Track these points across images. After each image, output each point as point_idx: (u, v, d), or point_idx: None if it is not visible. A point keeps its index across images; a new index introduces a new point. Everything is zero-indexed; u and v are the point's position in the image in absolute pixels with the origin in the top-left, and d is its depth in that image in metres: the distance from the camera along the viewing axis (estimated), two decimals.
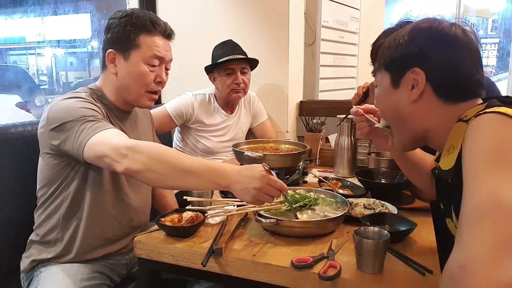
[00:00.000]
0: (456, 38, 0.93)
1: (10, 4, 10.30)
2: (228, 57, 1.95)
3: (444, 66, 0.93)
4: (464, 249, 0.66)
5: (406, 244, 1.10)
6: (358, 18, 3.21)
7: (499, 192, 0.67)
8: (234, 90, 2.01)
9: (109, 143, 1.12)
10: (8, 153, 1.39)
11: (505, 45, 9.64)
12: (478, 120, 0.79)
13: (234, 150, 1.69)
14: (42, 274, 1.29)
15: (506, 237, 0.64)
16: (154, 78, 1.34)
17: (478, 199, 0.69)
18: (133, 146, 1.10)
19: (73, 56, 11.05)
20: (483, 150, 0.74)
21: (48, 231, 1.32)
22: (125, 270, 1.44)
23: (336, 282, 0.93)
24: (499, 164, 0.71)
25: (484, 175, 0.71)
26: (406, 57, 0.97)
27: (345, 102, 2.58)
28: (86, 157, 1.15)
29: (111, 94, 1.36)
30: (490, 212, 0.66)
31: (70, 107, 1.21)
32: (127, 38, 1.30)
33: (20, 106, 6.43)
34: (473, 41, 0.94)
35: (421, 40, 0.95)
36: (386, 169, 1.62)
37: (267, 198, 1.07)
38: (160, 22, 1.34)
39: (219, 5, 2.34)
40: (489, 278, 0.61)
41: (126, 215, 1.39)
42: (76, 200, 1.30)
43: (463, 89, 0.94)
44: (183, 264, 1.10)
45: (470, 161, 0.75)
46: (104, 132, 1.15)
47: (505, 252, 0.63)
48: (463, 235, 0.68)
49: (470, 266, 0.63)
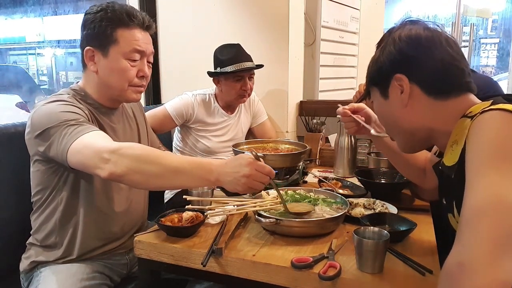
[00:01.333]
0: (420, 36, 0.95)
1: (10, 4, 10.30)
2: (240, 67, 1.95)
3: (421, 64, 0.95)
4: (463, 247, 0.67)
5: (406, 244, 1.10)
6: (358, 18, 3.21)
7: (501, 191, 0.67)
8: (241, 96, 2.02)
9: (91, 148, 1.09)
10: (8, 153, 1.39)
11: (505, 45, 9.63)
12: (483, 117, 0.79)
13: (234, 150, 1.69)
14: (41, 274, 1.28)
15: (505, 236, 0.64)
16: (137, 73, 1.30)
17: (480, 198, 0.69)
18: (116, 150, 1.08)
19: (73, 56, 11.03)
20: (486, 147, 0.74)
21: (46, 236, 1.31)
22: (125, 270, 1.44)
23: (336, 282, 0.93)
24: (503, 162, 0.71)
25: (486, 173, 0.71)
26: (384, 68, 1.00)
27: (345, 102, 2.58)
28: (70, 163, 1.13)
29: (94, 92, 1.33)
30: (490, 211, 0.67)
31: (52, 111, 1.18)
32: (104, 33, 1.25)
33: (20, 106, 6.42)
34: (440, 33, 0.95)
35: (390, 48, 0.99)
36: (386, 169, 1.62)
37: (258, 184, 1.08)
38: (137, 14, 1.29)
39: (219, 5, 2.34)
40: (486, 277, 0.62)
41: (123, 214, 1.38)
42: (71, 204, 1.29)
43: (448, 81, 0.95)
44: (183, 264, 1.10)
45: (473, 158, 0.76)
46: (85, 136, 1.12)
47: (503, 251, 0.63)
48: (462, 234, 0.68)
49: (468, 265, 0.63)
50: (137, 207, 1.45)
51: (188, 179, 1.09)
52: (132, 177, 1.08)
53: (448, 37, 0.95)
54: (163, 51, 2.47)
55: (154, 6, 2.49)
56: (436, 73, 0.94)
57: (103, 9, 1.26)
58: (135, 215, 1.45)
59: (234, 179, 1.06)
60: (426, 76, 0.95)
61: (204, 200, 1.30)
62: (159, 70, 2.52)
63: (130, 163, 1.07)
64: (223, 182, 1.07)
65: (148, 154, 1.11)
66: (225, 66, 1.96)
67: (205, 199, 1.31)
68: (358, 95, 1.71)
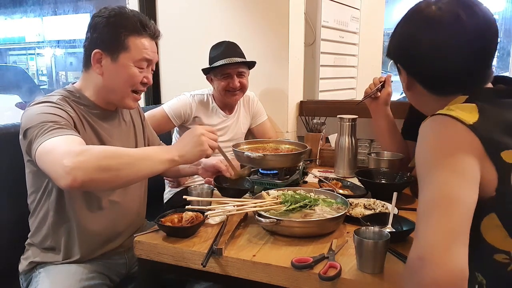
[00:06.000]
0: (432, 21, 0.89)
1: (10, 4, 10.28)
2: (224, 62, 1.93)
3: (421, 60, 0.93)
4: (420, 241, 0.71)
5: (406, 244, 1.10)
6: (358, 18, 3.21)
7: (444, 187, 0.74)
8: (230, 93, 2.01)
9: (52, 154, 1.04)
10: (8, 153, 1.38)
11: (505, 45, 9.62)
12: (423, 124, 0.86)
13: (234, 150, 1.69)
14: (41, 275, 1.28)
15: (455, 226, 0.70)
16: (141, 80, 1.32)
17: (428, 196, 0.76)
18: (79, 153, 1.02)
19: (73, 56, 11.02)
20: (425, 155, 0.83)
21: (43, 239, 1.31)
22: (124, 270, 1.44)
23: (336, 282, 0.93)
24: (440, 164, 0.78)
25: (430, 175, 0.78)
26: (390, 50, 1.01)
27: (345, 102, 2.59)
28: (40, 168, 1.10)
29: (92, 94, 1.32)
30: (438, 206, 0.73)
31: (34, 112, 1.16)
32: (117, 39, 1.26)
33: (20, 106, 6.41)
34: (465, 30, 0.86)
35: (399, 31, 0.98)
36: (386, 169, 1.62)
37: (213, 141, 1.25)
38: (150, 24, 1.31)
39: (219, 5, 2.34)
40: (443, 267, 0.66)
41: (118, 213, 1.37)
42: (60, 208, 1.27)
43: (449, 85, 0.93)
44: (183, 264, 1.10)
45: (418, 164, 0.83)
46: (51, 140, 1.07)
47: (455, 240, 0.69)
48: (418, 229, 0.73)
49: (426, 257, 0.68)
50: (132, 205, 1.43)
51: (154, 163, 1.13)
52: (99, 175, 1.02)
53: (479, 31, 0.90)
54: (163, 51, 2.47)
55: (154, 6, 2.48)
56: (439, 76, 0.93)
57: (116, 15, 1.27)
58: (131, 214, 1.43)
59: (194, 142, 1.20)
60: (427, 75, 0.95)
61: (204, 201, 1.30)
62: (159, 70, 2.52)
63: (96, 162, 1.02)
64: (187, 152, 1.19)
65: (111, 150, 1.12)
66: (214, 62, 1.96)
67: (205, 199, 1.31)
68: (372, 86, 1.72)
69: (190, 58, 2.40)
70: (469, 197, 0.74)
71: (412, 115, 1.74)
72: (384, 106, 1.71)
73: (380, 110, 1.72)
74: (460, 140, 0.79)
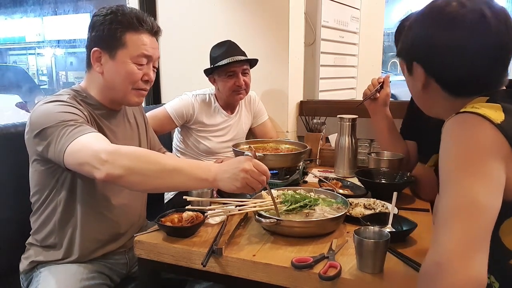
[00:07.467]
0: (454, 20, 0.84)
1: (10, 4, 10.29)
2: (229, 60, 1.93)
3: (442, 61, 0.89)
4: (439, 247, 0.70)
5: (406, 244, 1.10)
6: (358, 18, 3.20)
7: (471, 194, 0.71)
8: (236, 92, 2.01)
9: (88, 149, 1.09)
10: (8, 153, 1.39)
11: None
12: (448, 123, 0.82)
13: (234, 150, 1.69)
14: (41, 274, 1.28)
15: (478, 235, 0.68)
16: (142, 77, 1.31)
17: (453, 200, 0.73)
18: (114, 151, 1.08)
19: (73, 56, 11.03)
20: (450, 157, 0.79)
21: (46, 236, 1.31)
22: (125, 270, 1.44)
23: (336, 282, 0.93)
24: (467, 169, 0.75)
25: (457, 178, 0.75)
26: (405, 49, 0.96)
27: (345, 102, 2.59)
28: (67, 164, 1.13)
29: (97, 93, 1.33)
30: (462, 212, 0.71)
31: (50, 112, 1.18)
32: (113, 36, 1.26)
33: (20, 106, 6.41)
34: (490, 28, 0.82)
35: (417, 30, 0.92)
36: (386, 169, 1.62)
37: (255, 182, 1.07)
38: (147, 20, 1.30)
39: (219, 5, 2.34)
40: (461, 274, 0.65)
41: (122, 215, 1.38)
42: (69, 206, 1.29)
43: (470, 86, 0.89)
44: (183, 264, 1.10)
45: (442, 166, 0.79)
46: (83, 137, 1.12)
47: (477, 249, 0.67)
48: (438, 235, 0.71)
49: (444, 264, 0.67)
50: (135, 207, 1.45)
51: (187, 179, 1.08)
52: (131, 178, 1.07)
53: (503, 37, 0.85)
54: (163, 51, 2.46)
55: (154, 6, 2.48)
56: (459, 77, 0.88)
57: (113, 12, 1.27)
58: (133, 215, 1.44)
59: (233, 174, 1.06)
60: (446, 76, 0.90)
61: (204, 200, 1.30)
62: (159, 70, 2.51)
63: (128, 163, 1.06)
64: (222, 179, 1.07)
65: (146, 154, 1.11)
66: (217, 62, 1.96)
67: (205, 199, 1.31)
68: (372, 87, 1.72)
69: (190, 58, 2.40)
70: (493, 205, 0.72)
71: (410, 114, 1.74)
72: (383, 107, 1.71)
73: (379, 111, 1.73)
74: (487, 142, 0.76)
